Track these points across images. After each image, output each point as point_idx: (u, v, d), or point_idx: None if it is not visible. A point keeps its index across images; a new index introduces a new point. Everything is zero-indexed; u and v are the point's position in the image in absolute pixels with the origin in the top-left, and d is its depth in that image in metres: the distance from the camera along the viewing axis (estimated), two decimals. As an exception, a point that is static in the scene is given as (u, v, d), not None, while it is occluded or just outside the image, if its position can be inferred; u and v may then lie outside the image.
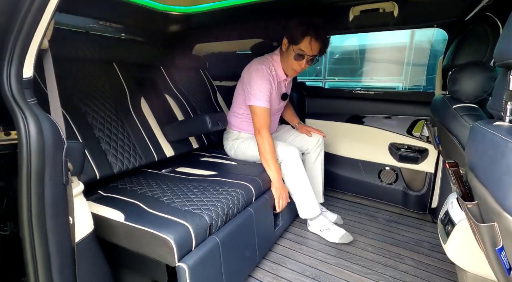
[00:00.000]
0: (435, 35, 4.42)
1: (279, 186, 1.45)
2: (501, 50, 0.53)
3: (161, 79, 1.83)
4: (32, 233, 0.60)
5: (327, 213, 1.76)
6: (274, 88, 1.58)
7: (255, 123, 1.51)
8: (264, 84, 1.49)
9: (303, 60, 1.46)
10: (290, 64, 1.50)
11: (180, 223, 0.94)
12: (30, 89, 0.70)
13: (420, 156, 1.86)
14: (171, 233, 0.88)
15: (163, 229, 0.90)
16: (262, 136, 1.47)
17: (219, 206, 1.08)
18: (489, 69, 1.11)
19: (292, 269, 1.33)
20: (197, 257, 0.91)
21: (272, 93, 1.56)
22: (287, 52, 1.48)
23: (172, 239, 0.87)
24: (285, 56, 1.51)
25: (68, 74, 1.29)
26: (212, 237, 1.01)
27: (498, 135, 0.45)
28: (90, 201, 1.10)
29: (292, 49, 1.44)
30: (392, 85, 4.91)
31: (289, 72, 1.57)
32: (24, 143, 0.59)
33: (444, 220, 1.00)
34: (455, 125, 1.13)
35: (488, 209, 0.45)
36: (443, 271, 1.32)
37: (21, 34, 0.66)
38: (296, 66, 1.49)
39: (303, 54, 1.44)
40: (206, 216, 1.00)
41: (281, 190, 1.46)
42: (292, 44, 1.44)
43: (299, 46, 1.42)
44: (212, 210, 1.04)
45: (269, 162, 1.46)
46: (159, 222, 0.94)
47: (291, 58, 1.47)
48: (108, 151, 1.27)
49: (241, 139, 1.70)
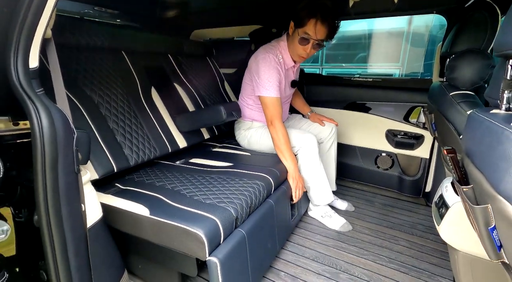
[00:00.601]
0: (433, 21, 4.39)
1: (296, 176, 1.45)
2: (501, 41, 0.55)
3: (170, 67, 1.78)
4: (49, 220, 0.63)
5: (337, 200, 1.79)
6: (283, 76, 1.54)
7: (266, 114, 1.48)
8: (273, 74, 1.45)
9: (308, 45, 1.42)
10: (295, 49, 1.46)
11: (208, 217, 0.94)
12: (37, 79, 0.71)
13: (416, 142, 1.90)
14: (201, 227, 0.88)
15: (192, 223, 0.90)
16: (275, 127, 1.45)
17: (243, 199, 1.08)
18: (486, 57, 1.13)
19: (292, 251, 1.39)
20: (226, 250, 0.92)
21: (282, 82, 1.53)
22: (293, 37, 1.45)
23: (202, 233, 0.87)
24: (291, 41, 1.48)
25: (78, 64, 1.26)
26: (238, 230, 1.02)
27: (495, 123, 0.48)
28: (109, 194, 1.10)
29: (297, 33, 1.41)
30: (389, 72, 4.90)
31: (295, 58, 1.53)
32: (37, 133, 0.60)
33: (438, 203, 1.05)
34: (452, 112, 1.16)
35: (483, 192, 0.49)
36: (435, 250, 1.39)
37: (25, 24, 0.66)
38: (301, 51, 1.45)
39: (308, 38, 1.39)
40: (231, 209, 1.01)
41: (298, 180, 1.45)
42: (297, 27, 1.40)
43: (304, 29, 1.38)
44: (236, 203, 1.04)
45: (284, 153, 1.45)
46: (186, 216, 0.94)
47: (296, 43, 1.44)
48: (124, 143, 1.25)
49: (254, 129, 1.68)
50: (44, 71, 0.76)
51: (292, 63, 1.57)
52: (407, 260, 1.33)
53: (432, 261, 1.32)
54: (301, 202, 1.59)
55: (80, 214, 0.74)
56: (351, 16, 1.82)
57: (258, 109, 1.65)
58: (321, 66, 5.46)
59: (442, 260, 1.33)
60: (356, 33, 5.14)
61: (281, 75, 1.51)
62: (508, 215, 0.42)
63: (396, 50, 4.79)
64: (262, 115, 1.63)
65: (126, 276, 1.01)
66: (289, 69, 1.61)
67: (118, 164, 1.19)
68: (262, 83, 1.46)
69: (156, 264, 1.12)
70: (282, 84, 1.53)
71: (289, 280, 1.21)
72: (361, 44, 5.09)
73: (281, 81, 1.52)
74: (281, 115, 1.50)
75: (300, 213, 1.60)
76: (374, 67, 5.08)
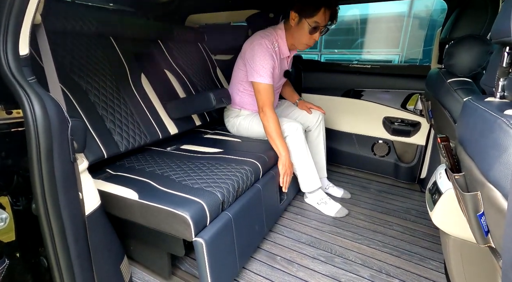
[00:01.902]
0: (434, 5, 4.29)
1: (286, 163, 1.47)
2: (498, 27, 0.54)
3: (160, 54, 1.78)
4: (47, 209, 0.64)
5: (334, 188, 1.82)
6: (277, 64, 1.53)
7: (258, 100, 1.48)
8: (267, 60, 1.44)
9: (317, 33, 1.42)
10: (302, 38, 1.45)
11: (194, 201, 0.97)
12: (28, 67, 0.69)
13: (412, 129, 1.91)
14: (187, 210, 0.92)
15: (179, 207, 0.93)
16: (266, 115, 1.45)
17: (230, 183, 1.11)
18: (485, 43, 1.12)
19: (289, 236, 1.42)
20: (212, 232, 0.96)
21: (275, 70, 1.52)
22: (299, 27, 1.42)
23: (188, 216, 0.91)
24: (296, 31, 1.45)
25: (65, 50, 1.25)
26: (224, 212, 1.06)
27: (488, 111, 0.48)
28: (100, 179, 1.13)
29: (307, 23, 1.38)
30: (389, 57, 4.84)
31: (300, 47, 1.52)
32: (30, 122, 0.59)
33: (432, 189, 1.07)
34: (448, 99, 1.16)
35: (473, 180, 0.50)
36: (427, 235, 1.43)
37: (13, 9, 0.64)
38: (311, 40, 1.45)
39: (318, 25, 1.39)
40: (218, 193, 1.04)
41: (287, 167, 1.48)
42: (304, 17, 1.38)
43: (314, 19, 1.36)
44: (223, 187, 1.08)
45: (275, 140, 1.46)
46: (173, 200, 0.98)
47: (304, 33, 1.42)
48: (113, 130, 1.27)
49: (243, 117, 1.71)
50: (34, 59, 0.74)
51: (287, 53, 1.56)
52: (400, 244, 1.37)
53: (423, 245, 1.36)
54: (289, 187, 1.62)
55: (78, 202, 0.74)
56: (349, 1, 1.78)
57: (249, 95, 1.66)
58: (320, 53, 5.38)
59: (434, 244, 1.37)
60: (356, 17, 5.03)
61: (276, 63, 1.51)
62: (497, 202, 0.43)
63: (396, 35, 4.71)
64: (252, 102, 1.64)
65: (126, 261, 1.04)
66: (284, 59, 1.61)
67: (108, 150, 1.21)
68: (256, 69, 1.45)
69: (147, 245, 1.17)
70: (275, 71, 1.53)
71: (285, 264, 1.24)
72: (361, 29, 5.00)
73: (275, 69, 1.51)
74: (273, 103, 1.50)
75: (289, 197, 1.64)
76: (373, 53, 5.01)
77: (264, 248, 1.34)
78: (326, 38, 5.31)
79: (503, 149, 0.42)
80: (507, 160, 0.41)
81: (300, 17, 1.40)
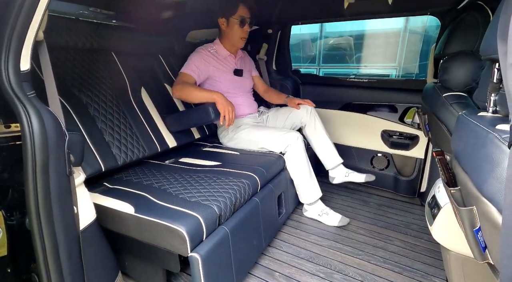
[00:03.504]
0: (428, 22, 4.41)
1: (224, 102, 1.47)
2: (486, 45, 0.55)
3: (160, 68, 1.82)
4: (40, 223, 0.63)
5: (354, 173, 1.80)
6: (215, 62, 1.71)
7: (174, 83, 1.62)
8: (194, 58, 1.66)
9: (246, 25, 1.66)
10: (236, 34, 1.67)
11: (191, 215, 0.95)
12: (28, 82, 0.71)
13: (411, 143, 1.92)
14: (183, 224, 0.90)
15: (175, 221, 0.92)
16: (176, 87, 1.56)
17: (227, 197, 1.10)
18: (478, 59, 1.14)
19: (287, 251, 1.39)
20: (209, 247, 0.94)
21: (209, 66, 1.69)
22: (229, 27, 1.67)
23: (184, 230, 0.89)
24: (229, 31, 1.69)
25: (66, 64, 1.28)
26: (221, 227, 1.04)
27: (480, 126, 0.49)
28: (97, 193, 1.12)
29: (234, 20, 1.63)
30: (386, 72, 4.92)
31: (238, 43, 1.73)
32: (27, 136, 0.60)
33: (431, 203, 1.06)
34: (444, 113, 1.17)
35: (468, 194, 0.49)
36: (429, 250, 1.40)
37: (17, 25, 0.66)
38: (241, 33, 1.68)
39: (244, 18, 1.63)
40: (215, 207, 1.02)
41: (226, 105, 1.47)
42: (230, 16, 1.64)
43: (238, 14, 1.62)
44: (220, 201, 1.06)
45: (202, 93, 1.52)
46: (170, 213, 0.96)
47: (236, 28, 1.65)
48: (112, 143, 1.27)
49: (232, 128, 1.74)
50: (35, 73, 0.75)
51: (227, 53, 1.77)
52: (401, 260, 1.34)
53: (425, 261, 1.33)
54: (288, 201, 1.61)
55: (73, 217, 0.74)
56: (346, 17, 1.83)
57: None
58: (319, 66, 5.48)
59: (436, 260, 1.34)
60: (353, 33, 5.15)
61: (207, 60, 1.69)
62: (492, 217, 0.43)
63: (393, 50, 4.81)
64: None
65: (121, 277, 1.02)
66: (227, 58, 1.78)
67: (105, 163, 1.20)
68: (185, 64, 1.68)
69: (141, 261, 1.14)
70: (210, 68, 1.69)
71: (283, 280, 1.21)
72: (359, 44, 5.11)
73: (208, 64, 1.69)
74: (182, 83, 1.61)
75: (288, 211, 1.62)
76: (371, 67, 5.10)
77: (262, 264, 1.31)
78: (324, 52, 5.42)
79: (496, 164, 0.42)
80: (500, 175, 0.41)
81: (227, 19, 1.65)
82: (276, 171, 1.52)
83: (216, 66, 1.71)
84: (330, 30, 5.38)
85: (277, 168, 1.53)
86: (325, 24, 5.16)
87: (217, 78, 1.72)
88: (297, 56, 5.51)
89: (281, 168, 1.58)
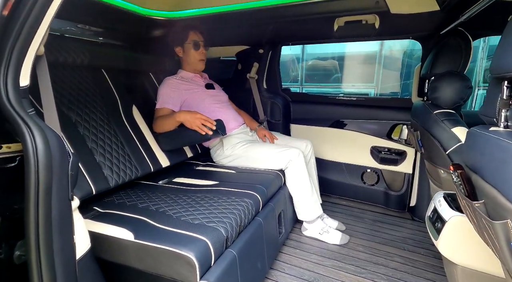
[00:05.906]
0: (406, 46, 4.76)
1: (186, 117, 1.47)
2: (497, 64, 0.59)
3: (152, 85, 1.78)
4: (39, 254, 0.55)
5: (328, 219, 1.76)
6: (185, 85, 1.71)
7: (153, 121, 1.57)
8: (164, 90, 1.64)
9: (201, 47, 1.72)
10: (193, 57, 1.73)
11: (197, 238, 0.89)
12: (27, 98, 0.65)
13: (399, 158, 1.98)
14: (191, 249, 0.84)
15: (182, 246, 0.85)
16: (155, 124, 1.54)
17: (233, 218, 1.04)
18: (465, 78, 1.23)
19: (290, 273, 1.34)
20: (218, 273, 0.87)
21: (181, 90, 1.67)
22: (186, 53, 1.73)
23: (193, 256, 0.82)
24: (187, 57, 1.74)
25: (55, 81, 1.21)
26: (228, 250, 0.98)
27: (505, 140, 0.50)
28: (87, 218, 1.02)
29: (188, 46, 1.70)
30: (365, 91, 5.18)
31: (198, 66, 1.77)
32: (31, 157, 0.54)
33: (433, 217, 1.08)
34: (437, 129, 1.23)
35: (498, 207, 0.50)
36: (428, 265, 1.41)
37: (18, 40, 0.62)
38: (200, 55, 1.73)
39: (197, 41, 1.70)
40: (221, 228, 0.97)
41: (191, 118, 1.46)
42: (184, 43, 1.71)
43: (190, 39, 1.69)
44: (226, 222, 1.00)
45: (170, 120, 1.49)
46: (174, 238, 0.89)
47: (192, 52, 1.71)
48: (103, 164, 1.19)
49: (226, 146, 1.71)
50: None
51: (192, 74, 1.79)
52: (403, 277, 1.33)
53: (427, 276, 1.33)
54: (287, 220, 1.57)
55: (72, 246, 0.66)
56: (335, 39, 1.92)
57: None
58: (301, 86, 5.66)
59: (437, 274, 1.34)
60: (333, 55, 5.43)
61: (176, 86, 1.67)
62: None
63: (370, 71, 5.10)
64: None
65: (115, 313, 0.91)
66: (193, 79, 1.79)
67: (97, 186, 1.12)
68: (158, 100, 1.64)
69: None
70: (181, 90, 1.67)
71: (289, 305, 1.15)
72: (339, 65, 5.38)
73: (177, 90, 1.66)
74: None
75: (287, 230, 1.58)
76: (350, 87, 5.35)
77: (265, 288, 1.24)
78: (307, 73, 5.64)
79: (528, 176, 0.43)
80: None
81: (182, 46, 1.72)
82: (275, 189, 1.50)
83: (187, 88, 1.70)
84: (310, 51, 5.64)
85: (276, 186, 1.51)
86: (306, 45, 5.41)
87: (194, 97, 1.70)
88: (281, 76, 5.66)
89: (279, 185, 1.56)
